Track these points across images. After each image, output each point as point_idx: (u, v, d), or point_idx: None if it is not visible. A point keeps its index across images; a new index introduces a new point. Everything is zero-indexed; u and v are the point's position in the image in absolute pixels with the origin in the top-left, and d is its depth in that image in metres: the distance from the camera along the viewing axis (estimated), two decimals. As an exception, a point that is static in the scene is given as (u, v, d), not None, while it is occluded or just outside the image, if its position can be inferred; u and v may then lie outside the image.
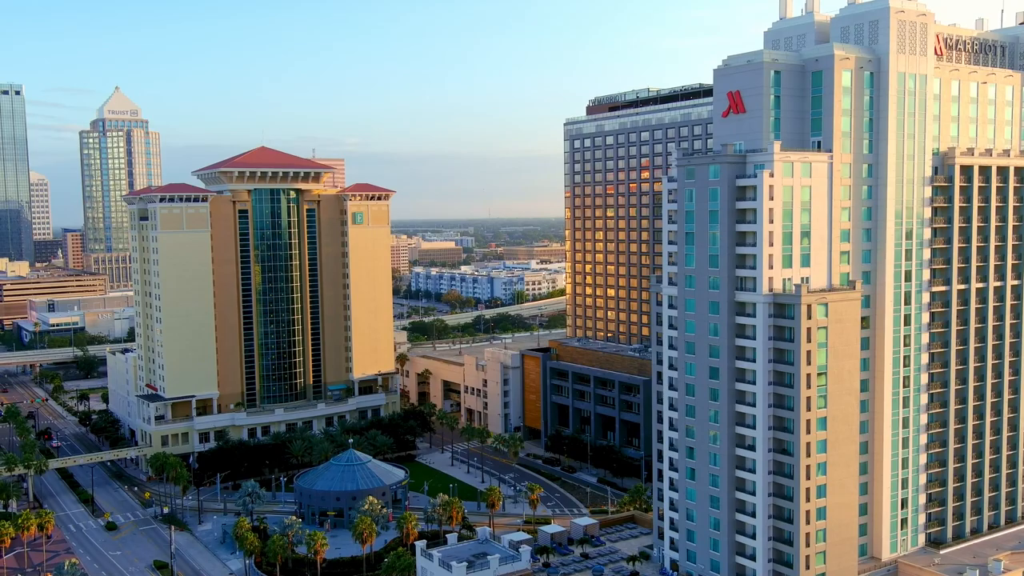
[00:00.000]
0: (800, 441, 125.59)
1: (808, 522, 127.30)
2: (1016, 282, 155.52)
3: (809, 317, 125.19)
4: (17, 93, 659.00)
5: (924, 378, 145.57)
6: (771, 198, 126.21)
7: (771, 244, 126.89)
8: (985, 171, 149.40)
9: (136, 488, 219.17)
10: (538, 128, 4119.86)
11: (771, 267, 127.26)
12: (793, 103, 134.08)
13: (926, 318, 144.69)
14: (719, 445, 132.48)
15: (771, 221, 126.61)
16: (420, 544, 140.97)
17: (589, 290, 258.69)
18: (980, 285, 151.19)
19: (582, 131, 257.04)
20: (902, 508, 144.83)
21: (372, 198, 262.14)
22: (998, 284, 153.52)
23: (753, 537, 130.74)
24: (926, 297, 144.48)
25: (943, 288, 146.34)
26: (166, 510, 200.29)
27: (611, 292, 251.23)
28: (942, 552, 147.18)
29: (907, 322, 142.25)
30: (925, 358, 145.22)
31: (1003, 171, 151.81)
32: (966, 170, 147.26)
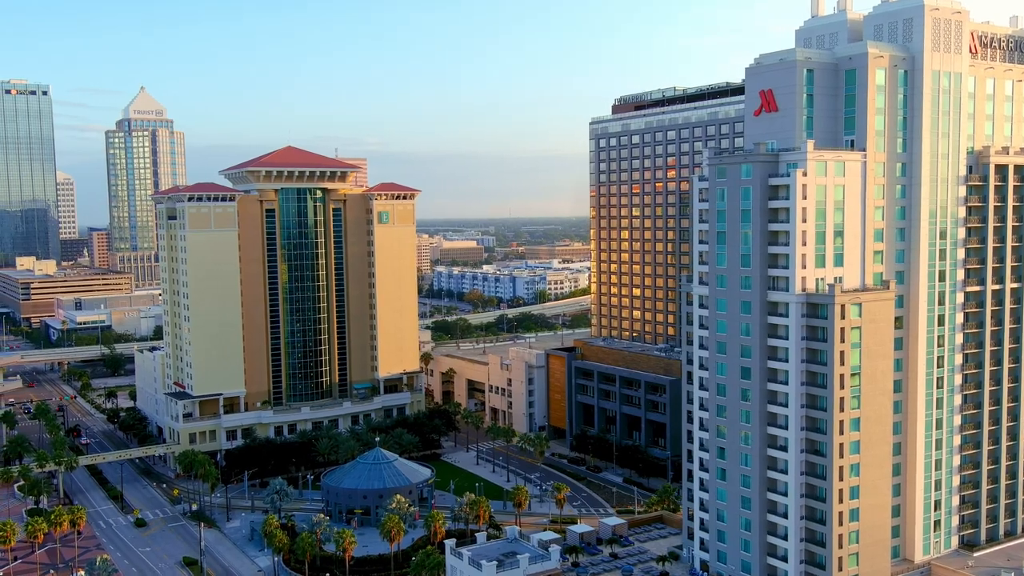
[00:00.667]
0: (833, 442, 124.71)
1: (841, 523, 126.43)
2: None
3: (843, 317, 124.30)
4: (44, 93, 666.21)
5: (958, 379, 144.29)
6: (804, 197, 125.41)
7: (804, 243, 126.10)
8: (1020, 170, 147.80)
9: (164, 485, 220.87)
10: (554, 128, 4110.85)
11: (804, 267, 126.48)
12: (826, 102, 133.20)
13: (960, 318, 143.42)
14: (750, 446, 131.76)
15: (804, 220, 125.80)
16: (449, 543, 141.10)
17: (614, 289, 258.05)
18: (1015, 285, 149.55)
19: (608, 130, 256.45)
20: (935, 510, 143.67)
21: (397, 197, 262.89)
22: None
23: (785, 538, 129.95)
24: (960, 297, 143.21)
25: (977, 288, 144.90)
26: (194, 507, 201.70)
27: (636, 292, 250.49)
28: (975, 555, 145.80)
29: (941, 322, 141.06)
30: (959, 359, 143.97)
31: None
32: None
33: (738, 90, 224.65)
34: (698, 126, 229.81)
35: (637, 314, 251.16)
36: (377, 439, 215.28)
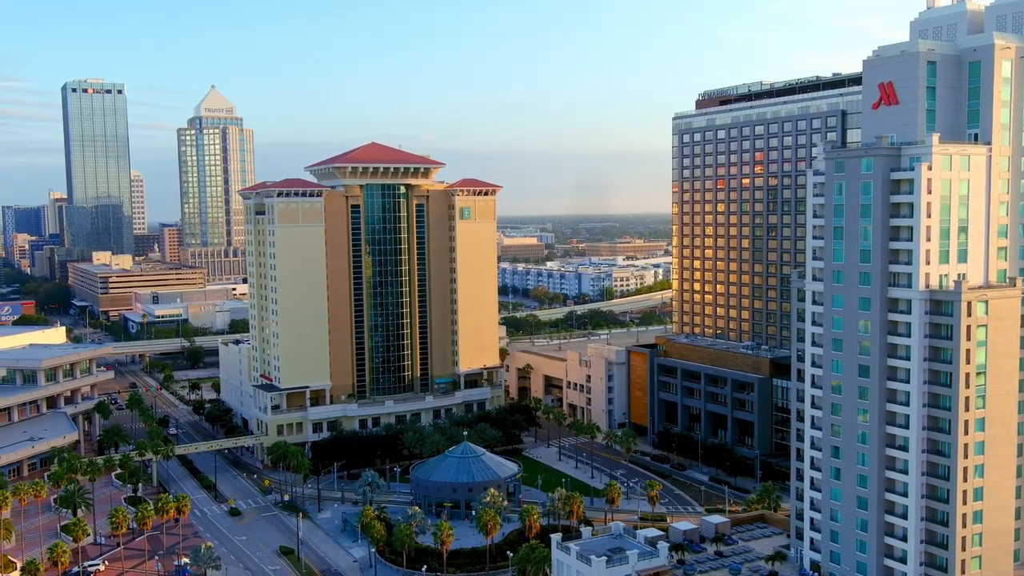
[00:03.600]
0: (958, 442, 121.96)
1: (965, 526, 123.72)
2: None
3: (969, 315, 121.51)
4: (119, 92, 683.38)
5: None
6: (929, 192, 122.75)
7: (928, 239, 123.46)
8: None
9: (255, 476, 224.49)
10: (608, 125, 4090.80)
11: (928, 263, 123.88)
12: (948, 94, 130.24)
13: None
14: (868, 445, 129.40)
15: (929, 216, 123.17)
16: (555, 537, 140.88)
17: (697, 286, 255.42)
18: None
19: (691, 125, 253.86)
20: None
21: (478, 193, 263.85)
22: None
23: (903, 539, 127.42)
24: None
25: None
26: (286, 497, 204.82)
27: (720, 288, 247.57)
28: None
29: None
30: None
31: None
32: None
33: (830, 84, 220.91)
34: (788, 121, 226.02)
35: (721, 311, 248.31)
36: (465, 433, 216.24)
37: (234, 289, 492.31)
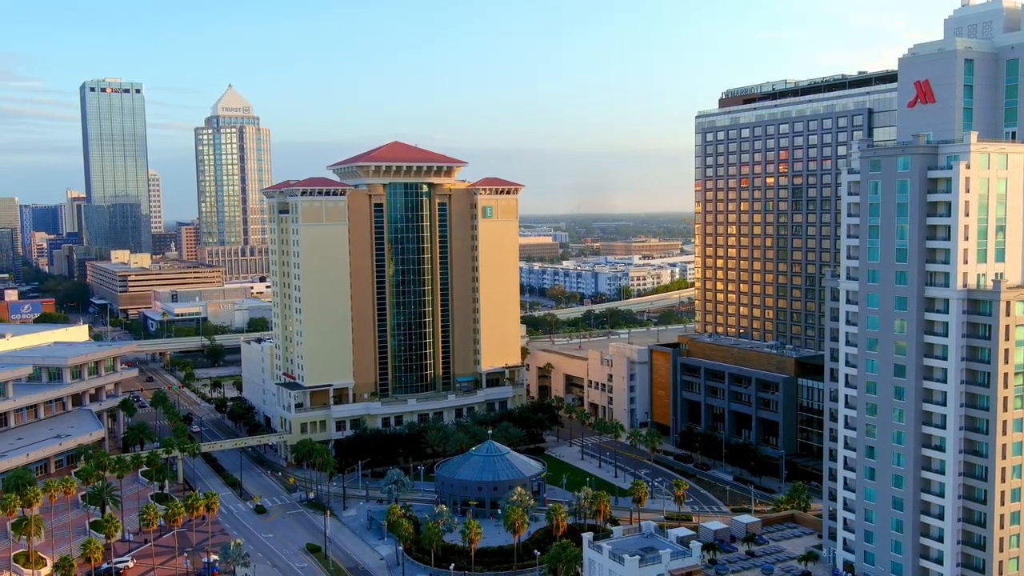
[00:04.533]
0: (996, 443, 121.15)
1: (1002, 527, 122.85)
2: None
3: (1007, 314, 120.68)
4: (137, 91, 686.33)
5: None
6: (967, 190, 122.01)
7: (966, 238, 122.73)
8: None
9: (279, 473, 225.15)
10: (626, 124, 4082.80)
11: (965, 262, 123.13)
12: (986, 92, 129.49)
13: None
14: (904, 445, 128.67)
15: (966, 214, 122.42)
16: (587, 536, 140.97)
17: (720, 285, 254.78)
18: None
19: (715, 124, 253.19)
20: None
21: (501, 192, 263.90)
22: None
23: (939, 540, 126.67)
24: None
25: None
26: (311, 495, 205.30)
27: (744, 287, 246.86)
28: None
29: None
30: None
31: None
32: None
33: (856, 82, 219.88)
34: (813, 119, 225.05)
35: (744, 310, 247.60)
36: (489, 432, 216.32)
37: (252, 288, 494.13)
